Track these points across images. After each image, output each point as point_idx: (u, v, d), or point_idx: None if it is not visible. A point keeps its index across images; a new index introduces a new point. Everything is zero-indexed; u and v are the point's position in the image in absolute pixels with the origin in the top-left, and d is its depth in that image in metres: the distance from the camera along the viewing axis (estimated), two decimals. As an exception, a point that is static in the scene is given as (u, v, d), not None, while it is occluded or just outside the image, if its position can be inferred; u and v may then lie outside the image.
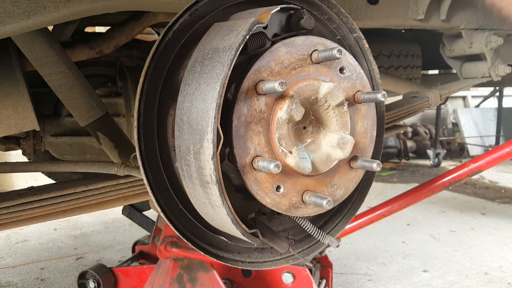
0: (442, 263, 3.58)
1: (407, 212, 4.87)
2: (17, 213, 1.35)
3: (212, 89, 0.86)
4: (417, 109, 2.12)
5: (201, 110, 0.88)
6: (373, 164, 1.04)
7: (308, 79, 0.98)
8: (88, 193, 1.42)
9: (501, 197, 5.85)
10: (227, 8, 1.05)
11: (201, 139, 0.87)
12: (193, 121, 0.90)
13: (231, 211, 0.91)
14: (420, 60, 3.09)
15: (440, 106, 8.15)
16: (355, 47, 1.18)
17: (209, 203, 0.94)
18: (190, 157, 0.92)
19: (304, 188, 1.01)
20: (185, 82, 0.95)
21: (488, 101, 9.99)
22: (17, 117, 1.37)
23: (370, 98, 1.05)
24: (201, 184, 0.92)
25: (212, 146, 0.85)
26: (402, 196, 2.01)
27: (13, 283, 3.27)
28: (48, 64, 1.41)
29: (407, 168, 8.17)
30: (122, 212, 3.19)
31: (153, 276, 2.20)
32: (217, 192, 0.88)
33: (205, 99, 0.87)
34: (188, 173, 0.96)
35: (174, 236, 2.10)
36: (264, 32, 0.95)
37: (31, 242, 4.18)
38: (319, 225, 1.25)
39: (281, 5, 0.97)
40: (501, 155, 1.92)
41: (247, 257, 1.16)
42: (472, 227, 4.54)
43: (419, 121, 9.78)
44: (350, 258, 3.70)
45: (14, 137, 2.19)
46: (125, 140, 1.55)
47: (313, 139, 1.00)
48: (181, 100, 0.95)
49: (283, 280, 2.26)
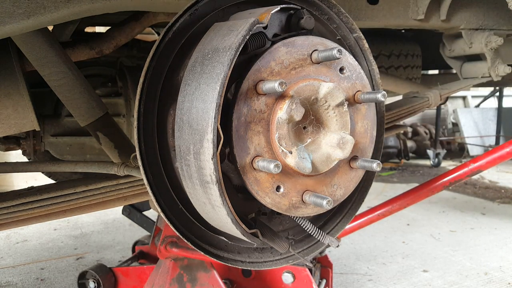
0: (442, 263, 3.58)
1: (407, 212, 4.87)
2: (17, 213, 1.35)
3: (212, 89, 0.86)
4: (417, 109, 2.11)
5: (201, 110, 0.88)
6: (373, 164, 1.04)
7: (308, 79, 0.98)
8: (88, 193, 1.42)
9: (501, 197, 5.85)
10: (227, 8, 1.05)
11: (201, 139, 0.87)
12: (193, 121, 0.90)
13: (231, 211, 0.91)
14: (420, 60, 3.10)
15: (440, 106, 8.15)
16: (355, 47, 1.18)
17: (209, 203, 0.94)
18: (190, 157, 0.92)
19: (304, 188, 1.01)
20: (185, 82, 0.95)
21: (488, 101, 10.00)
22: (17, 117, 1.37)
23: (370, 98, 1.05)
24: (201, 184, 0.92)
25: (212, 146, 0.85)
26: (402, 196, 2.01)
27: (13, 283, 3.27)
28: (48, 64, 1.41)
29: (407, 168, 8.17)
30: (122, 212, 3.19)
31: (153, 276, 2.20)
32: (217, 192, 0.88)
33: (205, 99, 0.87)
34: (188, 173, 0.95)
35: (174, 236, 2.10)
36: (264, 32, 0.95)
37: (31, 242, 4.18)
38: (319, 225, 1.25)
39: (281, 5, 0.97)
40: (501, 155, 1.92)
41: (247, 257, 1.16)
42: (472, 227, 4.54)
43: (419, 121, 9.78)
44: (350, 258, 3.70)
45: (14, 137, 2.19)
46: (125, 140, 1.55)
47: (313, 139, 1.00)
48: (181, 100, 0.94)
49: (283, 280, 2.26)
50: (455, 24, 1.99)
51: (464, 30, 2.05)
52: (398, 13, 1.84)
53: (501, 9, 2.05)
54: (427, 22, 1.90)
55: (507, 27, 2.10)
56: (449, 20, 1.95)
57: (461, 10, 1.98)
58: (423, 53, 3.13)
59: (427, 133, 9.05)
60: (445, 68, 3.80)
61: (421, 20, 1.88)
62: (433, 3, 1.85)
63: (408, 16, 1.87)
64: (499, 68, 2.12)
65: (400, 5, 1.84)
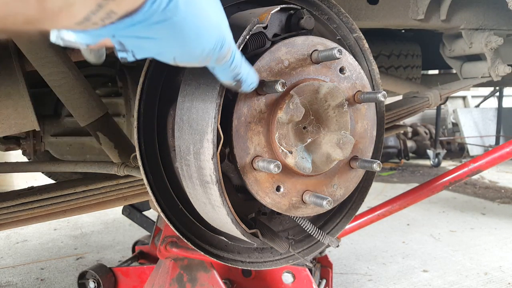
0: (442, 263, 3.58)
1: (407, 212, 4.87)
2: (17, 213, 1.35)
3: (212, 89, 0.86)
4: (417, 109, 2.11)
5: (201, 110, 0.88)
6: (373, 164, 1.04)
7: (308, 79, 0.98)
8: (88, 193, 1.42)
9: (501, 197, 5.85)
10: (227, 8, 1.05)
11: (201, 139, 0.88)
12: (193, 121, 0.90)
13: (231, 211, 0.91)
14: (420, 60, 3.10)
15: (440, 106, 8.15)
16: (355, 47, 1.18)
17: (209, 203, 0.94)
18: (190, 157, 0.92)
19: (304, 188, 1.01)
20: (185, 82, 0.95)
21: (488, 101, 9.99)
22: (17, 117, 1.37)
23: (370, 98, 1.05)
24: (201, 184, 0.92)
25: (212, 146, 0.85)
26: (402, 196, 2.01)
27: (13, 283, 3.27)
28: (48, 64, 1.41)
29: (407, 168, 8.17)
30: (122, 212, 3.19)
31: (153, 276, 2.20)
32: (217, 192, 0.88)
33: (205, 99, 0.88)
34: (188, 173, 0.96)
35: (174, 236, 2.10)
36: (264, 32, 0.95)
37: (31, 242, 4.18)
38: (319, 225, 1.25)
39: (281, 5, 0.97)
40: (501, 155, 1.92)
41: (247, 257, 1.16)
42: (472, 227, 4.54)
43: (419, 121, 9.78)
44: (350, 258, 3.70)
45: (14, 137, 2.19)
46: (125, 140, 1.55)
47: (313, 139, 1.00)
48: (181, 100, 0.95)
49: (283, 280, 2.26)
50: (455, 24, 1.99)
51: (464, 30, 2.05)
52: (398, 13, 1.84)
53: (501, 9, 2.04)
54: (427, 22, 1.90)
55: (507, 27, 2.10)
56: (449, 20, 1.95)
57: (461, 10, 1.99)
58: (423, 53, 3.13)
59: (427, 133, 9.05)
60: (445, 68, 3.80)
61: (421, 20, 1.88)
62: (433, 3, 1.85)
63: (408, 16, 1.87)
64: (499, 68, 2.12)
65: (400, 5, 1.84)
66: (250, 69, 0.80)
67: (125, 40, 0.57)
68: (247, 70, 0.79)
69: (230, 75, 0.76)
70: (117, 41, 0.57)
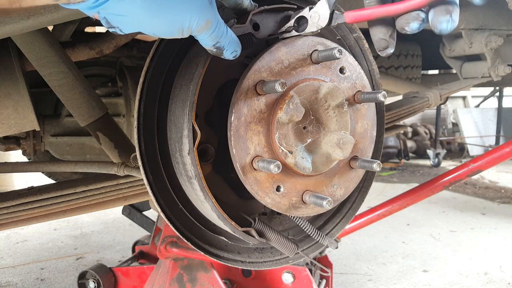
0: (442, 263, 3.58)
1: (407, 212, 4.87)
2: (17, 213, 1.35)
3: (189, 89, 0.91)
4: (417, 109, 2.12)
5: (180, 109, 0.94)
6: (373, 164, 1.04)
7: (308, 79, 0.98)
8: (88, 193, 1.42)
9: (501, 197, 5.85)
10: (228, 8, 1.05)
11: (181, 136, 0.93)
12: (176, 120, 0.96)
13: (216, 206, 0.93)
14: (420, 60, 3.10)
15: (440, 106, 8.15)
16: (355, 47, 1.18)
17: (198, 199, 0.96)
18: (177, 154, 0.97)
19: (304, 188, 1.01)
20: (174, 85, 1.00)
21: (488, 101, 9.99)
22: (17, 117, 1.37)
23: (370, 98, 1.05)
24: (188, 180, 0.96)
25: (188, 142, 0.90)
26: (402, 196, 2.01)
27: (13, 283, 3.27)
28: (48, 64, 1.41)
29: (407, 168, 8.17)
30: (122, 212, 3.19)
31: (153, 276, 2.20)
32: (198, 186, 0.92)
33: (184, 98, 0.93)
34: (179, 170, 1.00)
35: (174, 236, 2.10)
36: (252, 32, 0.95)
37: (31, 242, 4.18)
38: (319, 225, 1.25)
39: (265, 7, 0.96)
40: (501, 155, 1.92)
41: (247, 257, 1.16)
42: (472, 227, 4.54)
43: (419, 121, 9.78)
44: (350, 258, 3.70)
45: (14, 137, 2.19)
46: (125, 140, 1.55)
47: (313, 139, 1.00)
48: (170, 102, 1.00)
49: (283, 280, 2.26)
50: (455, 24, 1.99)
51: (464, 30, 2.05)
52: (398, 13, 1.84)
53: (501, 9, 2.04)
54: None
55: (507, 27, 2.10)
56: (449, 20, 1.94)
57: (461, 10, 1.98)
58: (423, 53, 3.13)
59: (427, 133, 9.06)
60: (445, 68, 3.81)
61: (421, 20, 1.87)
62: (433, 3, 1.84)
63: (408, 16, 1.86)
64: (499, 68, 2.12)
65: (400, 5, 1.84)
66: (233, 38, 0.84)
67: (108, 17, 0.65)
68: (229, 39, 0.83)
69: (210, 43, 0.81)
70: (102, 17, 0.65)
